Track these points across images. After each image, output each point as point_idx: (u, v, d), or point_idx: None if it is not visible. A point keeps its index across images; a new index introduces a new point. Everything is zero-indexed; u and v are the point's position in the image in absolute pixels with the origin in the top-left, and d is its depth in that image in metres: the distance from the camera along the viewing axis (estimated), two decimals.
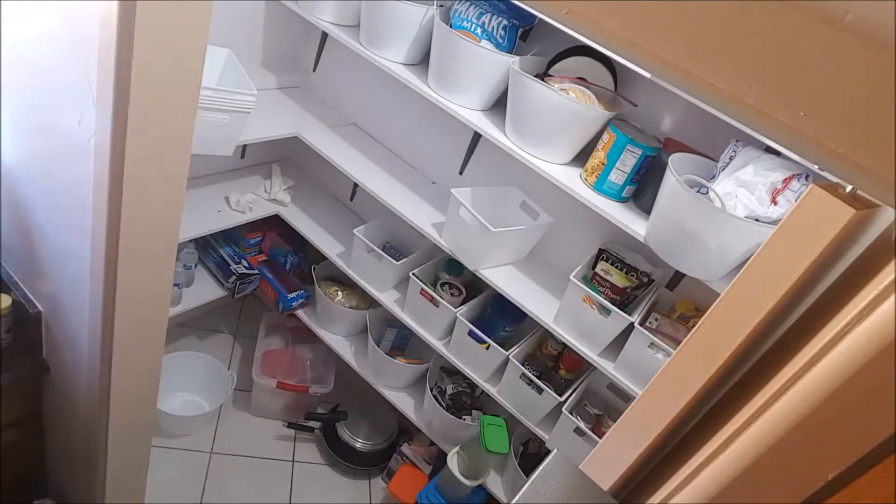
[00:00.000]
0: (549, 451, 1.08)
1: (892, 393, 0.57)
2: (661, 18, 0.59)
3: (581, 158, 1.73)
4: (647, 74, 1.17)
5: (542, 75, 1.68)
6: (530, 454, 2.19)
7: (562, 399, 1.87)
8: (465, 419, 2.22)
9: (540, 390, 1.89)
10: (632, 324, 1.64)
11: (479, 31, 1.74)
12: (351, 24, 2.01)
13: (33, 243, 1.52)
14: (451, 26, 1.76)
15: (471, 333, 1.99)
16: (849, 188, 0.63)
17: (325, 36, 2.30)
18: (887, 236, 0.65)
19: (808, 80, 0.54)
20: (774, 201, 1.35)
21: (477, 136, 2.03)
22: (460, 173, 2.15)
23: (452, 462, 2.07)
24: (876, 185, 0.54)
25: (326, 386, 2.59)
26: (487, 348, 1.98)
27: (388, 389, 2.38)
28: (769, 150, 1.43)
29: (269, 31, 2.30)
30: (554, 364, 2.04)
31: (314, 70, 2.43)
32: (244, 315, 3.06)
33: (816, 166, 1.24)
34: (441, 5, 1.82)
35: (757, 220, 1.36)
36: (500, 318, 2.08)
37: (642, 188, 1.66)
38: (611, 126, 1.62)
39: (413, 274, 2.08)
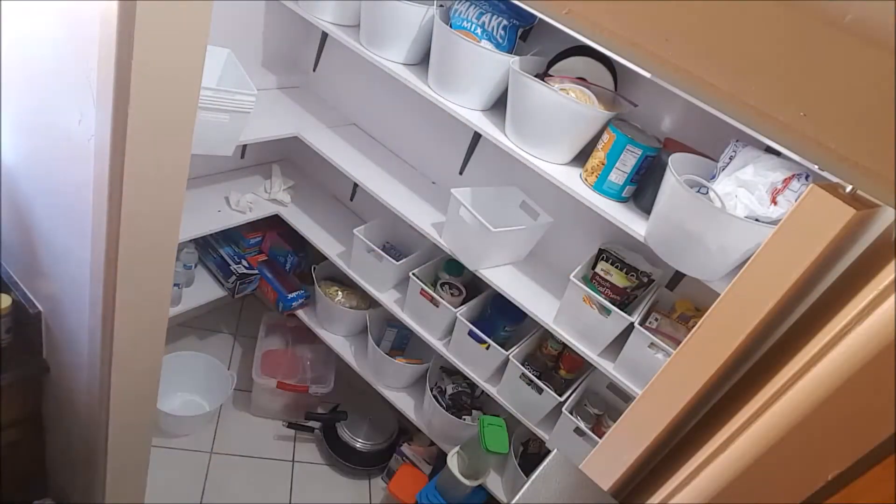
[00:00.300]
0: (549, 451, 1.08)
1: (892, 393, 0.57)
2: (661, 18, 0.59)
3: (581, 158, 1.73)
4: (647, 74, 1.16)
5: (542, 75, 1.68)
6: (530, 454, 2.19)
7: (562, 399, 1.87)
8: (465, 419, 2.22)
9: (540, 390, 1.89)
10: (632, 324, 1.64)
11: (479, 31, 1.74)
12: (351, 24, 2.01)
13: (33, 243, 1.52)
14: (451, 26, 1.76)
15: (471, 333, 1.99)
16: (849, 188, 0.63)
17: (325, 36, 2.30)
18: (887, 236, 0.64)
19: (808, 80, 0.54)
20: (774, 201, 1.35)
21: (477, 136, 2.03)
22: (460, 173, 2.15)
23: (452, 462, 2.07)
24: (876, 185, 0.54)
25: (326, 386, 2.59)
26: (487, 348, 1.98)
27: (388, 389, 2.38)
28: (769, 150, 1.43)
29: (269, 31, 2.30)
30: (554, 364, 2.04)
31: (314, 70, 2.43)
32: (244, 315, 3.06)
33: (816, 166, 1.23)
34: (441, 5, 1.82)
35: (757, 220, 1.36)
36: (500, 318, 2.08)
37: (642, 188, 1.66)
38: (611, 126, 1.62)
39: (413, 274, 2.08)
